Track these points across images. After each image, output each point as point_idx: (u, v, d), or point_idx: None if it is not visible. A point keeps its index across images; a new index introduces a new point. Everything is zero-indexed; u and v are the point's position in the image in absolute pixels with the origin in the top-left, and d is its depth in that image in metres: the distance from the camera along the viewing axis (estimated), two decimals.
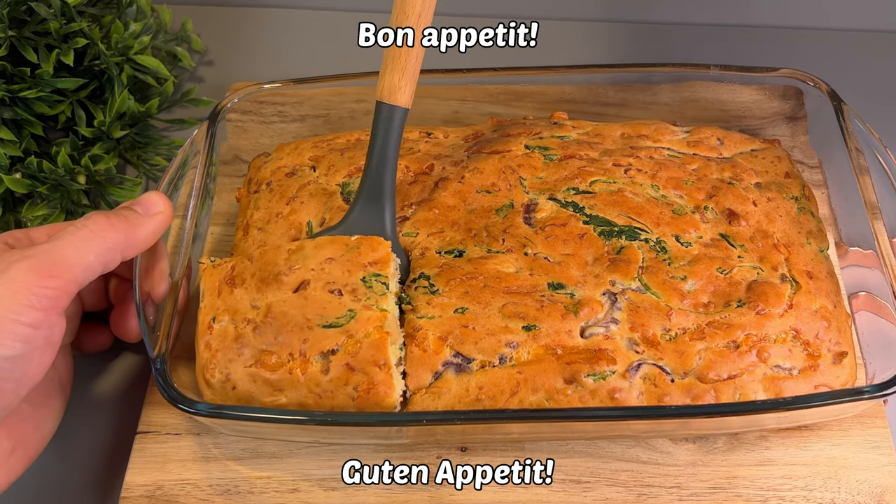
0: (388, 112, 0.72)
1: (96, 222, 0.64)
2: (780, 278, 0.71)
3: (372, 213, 0.73)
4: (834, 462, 0.70)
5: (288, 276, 0.68)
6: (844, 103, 0.80)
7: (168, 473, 0.71)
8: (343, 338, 0.65)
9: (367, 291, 0.67)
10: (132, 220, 0.66)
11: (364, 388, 0.64)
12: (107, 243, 0.63)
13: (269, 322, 0.66)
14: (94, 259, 0.62)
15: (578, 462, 0.71)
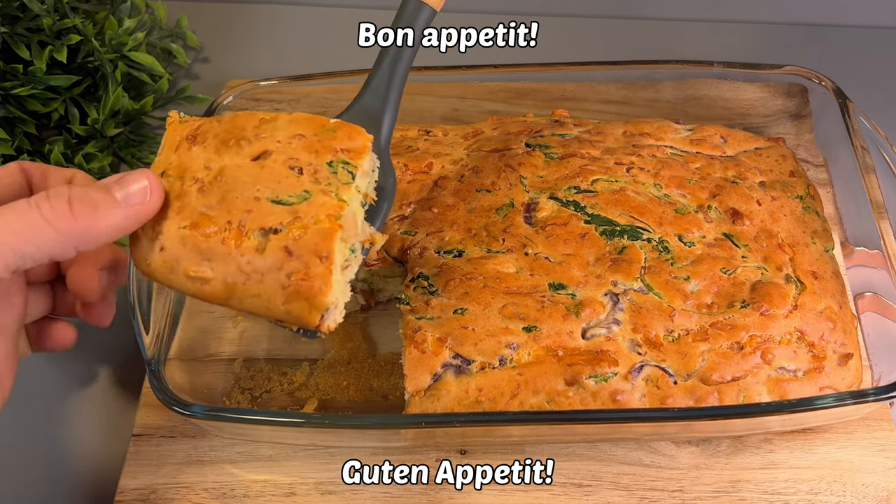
0: (415, 7, 0.68)
1: (52, 209, 0.54)
2: (784, 279, 0.71)
3: (371, 111, 0.69)
4: (839, 465, 0.70)
5: (251, 144, 0.62)
6: (850, 101, 0.80)
7: (163, 477, 0.71)
8: (289, 218, 0.58)
9: (330, 176, 0.60)
10: (100, 209, 0.56)
11: (297, 278, 0.57)
12: (57, 236, 0.54)
13: (217, 185, 0.60)
14: (34, 250, 0.54)
15: (580, 465, 0.71)
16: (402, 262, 0.75)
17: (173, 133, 0.65)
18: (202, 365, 0.77)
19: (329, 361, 0.77)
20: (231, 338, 0.79)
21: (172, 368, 0.71)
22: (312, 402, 0.74)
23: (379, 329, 0.80)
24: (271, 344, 0.79)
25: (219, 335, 0.79)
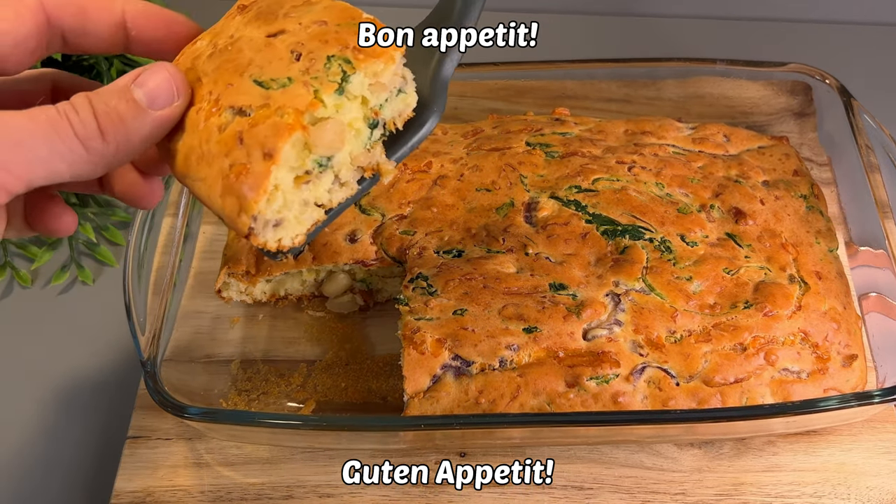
0: None
1: (84, 125, 0.49)
2: (788, 279, 0.71)
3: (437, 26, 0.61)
4: (843, 468, 0.70)
5: (276, 21, 0.57)
6: (854, 99, 0.80)
7: (159, 480, 0.71)
8: (260, 102, 0.52)
9: (321, 70, 0.53)
10: (128, 121, 0.50)
11: (236, 171, 0.51)
12: (89, 156, 0.50)
13: (223, 53, 0.56)
14: (65, 170, 0.49)
15: (581, 468, 0.71)
16: (400, 262, 0.75)
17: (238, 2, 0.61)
18: (198, 366, 0.77)
19: (327, 363, 0.77)
20: (228, 339, 0.79)
21: (168, 370, 0.71)
22: (310, 403, 0.74)
23: (377, 330, 0.80)
24: (268, 345, 0.79)
25: (215, 336, 0.79)
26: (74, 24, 0.55)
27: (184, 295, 0.80)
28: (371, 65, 0.53)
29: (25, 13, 0.53)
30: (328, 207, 0.55)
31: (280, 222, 0.53)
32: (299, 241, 0.55)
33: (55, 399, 0.79)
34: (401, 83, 0.56)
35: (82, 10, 0.55)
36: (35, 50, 0.55)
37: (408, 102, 0.57)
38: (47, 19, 0.54)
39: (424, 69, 0.59)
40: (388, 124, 0.56)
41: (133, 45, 0.57)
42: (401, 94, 0.56)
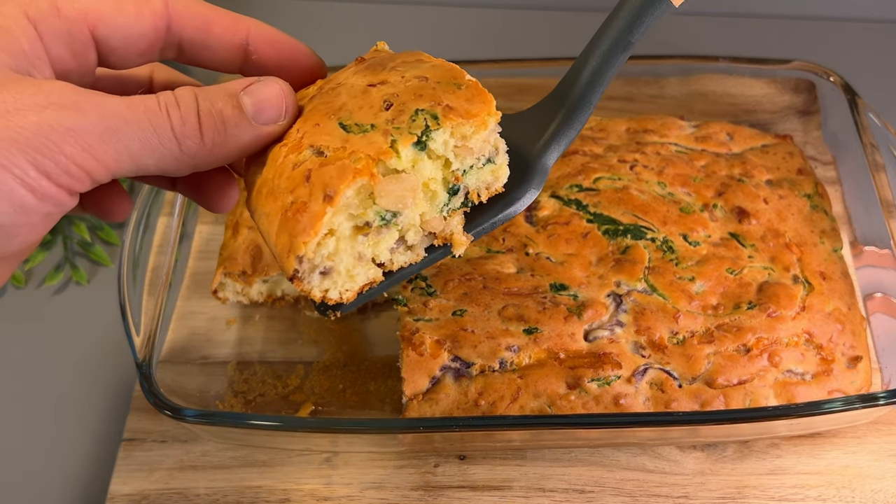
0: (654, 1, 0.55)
1: (183, 122, 0.48)
2: (792, 279, 0.71)
3: (545, 115, 0.58)
4: (848, 471, 0.70)
5: (383, 72, 0.55)
6: (859, 97, 0.80)
7: (154, 482, 0.71)
8: (338, 144, 0.51)
9: (405, 121, 0.51)
10: (229, 128, 0.49)
11: (295, 208, 0.49)
12: (181, 154, 0.48)
13: (323, 95, 0.55)
14: (152, 164, 0.48)
15: (582, 471, 0.71)
16: None
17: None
18: (194, 368, 0.77)
19: (325, 364, 0.77)
20: (224, 340, 0.79)
21: (164, 371, 0.71)
22: (307, 405, 0.74)
23: (376, 331, 0.80)
24: (265, 346, 0.78)
25: (211, 337, 0.79)
26: (196, 37, 0.54)
27: (179, 295, 0.80)
28: (459, 125, 0.51)
29: (147, 13, 0.52)
30: (388, 269, 0.53)
31: (329, 271, 0.51)
32: (348, 298, 0.52)
33: (49, 401, 0.79)
34: (491, 152, 0.53)
35: (207, 25, 0.55)
36: (145, 52, 0.53)
37: (497, 176, 0.54)
38: (168, 26, 0.53)
39: (527, 147, 0.57)
40: (472, 194, 0.54)
41: (251, 67, 0.56)
42: (489, 165, 0.53)
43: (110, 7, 0.51)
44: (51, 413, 0.78)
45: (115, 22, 0.51)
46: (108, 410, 0.78)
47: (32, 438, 0.77)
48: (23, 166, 0.43)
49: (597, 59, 0.56)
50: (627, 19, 0.55)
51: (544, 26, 1.10)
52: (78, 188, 0.46)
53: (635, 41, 0.55)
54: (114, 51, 0.53)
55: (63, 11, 0.50)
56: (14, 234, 0.46)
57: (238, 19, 0.56)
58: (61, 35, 0.50)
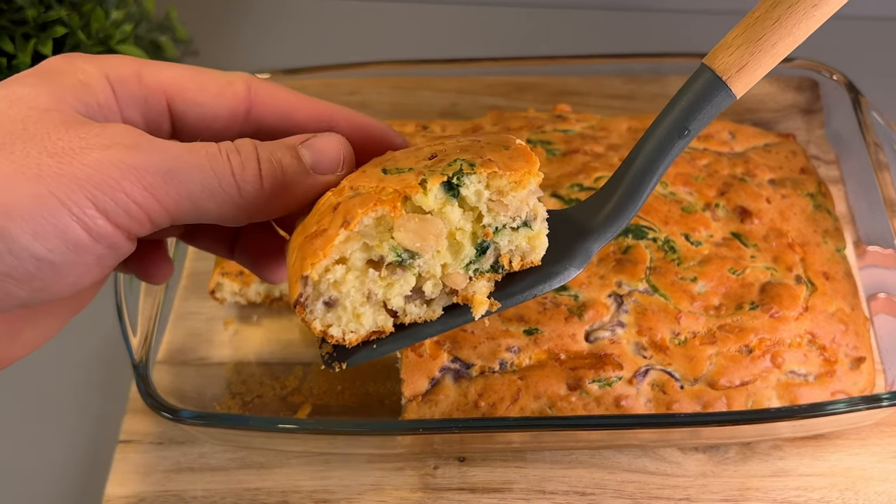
0: (712, 87, 0.53)
1: (244, 168, 0.48)
2: (794, 279, 0.71)
3: (596, 203, 0.55)
4: (851, 473, 0.70)
5: (444, 139, 0.55)
6: (862, 95, 0.80)
7: (151, 485, 0.71)
8: (374, 184, 0.50)
9: (442, 166, 0.49)
10: (289, 177, 0.49)
11: (314, 234, 0.49)
12: (241, 201, 0.48)
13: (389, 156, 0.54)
14: (212, 210, 0.48)
15: (583, 473, 0.71)
16: None
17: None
18: (192, 369, 0.77)
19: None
20: (222, 341, 0.79)
21: (161, 372, 0.71)
22: (306, 407, 0.74)
23: None
24: (263, 347, 0.78)
25: (209, 338, 0.79)
26: (276, 124, 0.55)
27: (177, 296, 0.81)
28: (495, 176, 0.49)
29: (228, 95, 0.53)
30: (400, 321, 0.51)
31: (334, 303, 0.49)
32: (351, 341, 0.50)
33: (45, 402, 0.79)
34: (528, 215, 0.50)
35: (289, 112, 0.55)
36: (220, 132, 0.54)
37: (533, 245, 0.51)
38: (248, 110, 0.54)
39: (574, 229, 0.55)
40: (503, 259, 0.51)
41: None
42: (524, 229, 0.51)
43: (193, 84, 0.52)
44: (46, 414, 0.78)
45: (194, 99, 0.52)
46: (104, 411, 0.78)
47: (28, 440, 0.77)
48: (81, 203, 0.43)
49: (651, 145, 0.54)
50: (684, 106, 0.53)
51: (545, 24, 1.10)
52: (136, 230, 0.46)
53: (693, 129, 0.53)
54: (188, 126, 0.53)
55: (144, 79, 0.51)
56: (65, 274, 0.45)
57: (321, 106, 0.56)
58: (137, 101, 0.51)
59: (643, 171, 0.54)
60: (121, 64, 0.51)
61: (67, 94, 0.47)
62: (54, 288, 0.45)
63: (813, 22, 0.51)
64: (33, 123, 0.44)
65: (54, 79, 0.48)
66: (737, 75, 0.52)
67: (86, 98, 0.48)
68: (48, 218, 0.42)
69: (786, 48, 0.51)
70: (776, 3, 0.51)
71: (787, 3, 0.50)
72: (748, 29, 0.51)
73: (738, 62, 0.51)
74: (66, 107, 0.47)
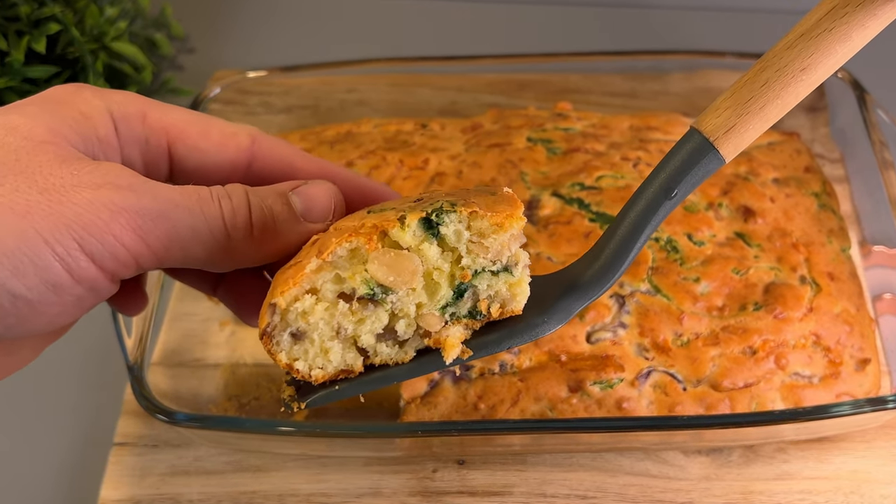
0: (700, 150, 0.52)
1: (235, 213, 0.48)
2: (799, 280, 0.71)
3: (582, 264, 0.55)
4: (856, 476, 0.70)
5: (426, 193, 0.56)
6: (868, 93, 0.80)
7: (146, 488, 0.71)
8: (356, 221, 0.49)
9: (421, 205, 0.49)
10: (279, 225, 0.50)
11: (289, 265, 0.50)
12: (228, 246, 0.48)
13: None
14: (199, 254, 0.48)
15: (584, 476, 0.71)
16: None
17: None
18: (187, 370, 0.77)
19: None
20: (217, 342, 0.79)
21: (156, 374, 0.71)
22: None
23: None
24: (259, 348, 0.78)
25: (204, 339, 0.79)
26: (277, 180, 0.55)
27: (172, 296, 0.80)
28: (477, 218, 0.48)
29: (231, 146, 0.53)
30: (370, 361, 0.50)
31: (301, 336, 0.49)
32: (317, 377, 0.50)
33: (38, 404, 0.79)
34: (509, 259, 0.49)
35: (290, 169, 0.55)
36: (219, 182, 0.52)
37: (514, 292, 0.50)
38: (249, 163, 0.54)
39: (557, 287, 0.54)
40: (481, 304, 0.50)
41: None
42: (504, 274, 0.50)
43: (196, 130, 0.52)
44: (40, 417, 0.78)
45: (196, 145, 0.52)
46: (98, 414, 0.78)
47: (21, 442, 0.77)
48: (66, 244, 0.42)
49: (639, 207, 0.53)
50: (672, 169, 0.53)
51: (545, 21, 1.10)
52: (121, 273, 0.45)
53: (680, 192, 0.53)
54: (186, 172, 0.54)
55: (148, 119, 0.51)
56: (41, 312, 0.44)
57: (324, 166, 0.56)
58: (138, 140, 0.51)
59: (630, 233, 0.53)
60: (127, 101, 0.51)
61: (66, 126, 0.47)
62: (28, 325, 0.44)
63: (802, 87, 0.51)
64: (26, 155, 0.44)
65: (55, 109, 0.48)
66: (724, 137, 0.51)
67: (85, 131, 0.48)
68: (30, 256, 0.42)
69: (775, 113, 0.51)
70: (765, 66, 0.51)
71: (776, 66, 0.51)
72: (736, 92, 0.52)
73: (725, 124, 0.51)
74: (62, 140, 0.46)
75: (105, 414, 0.77)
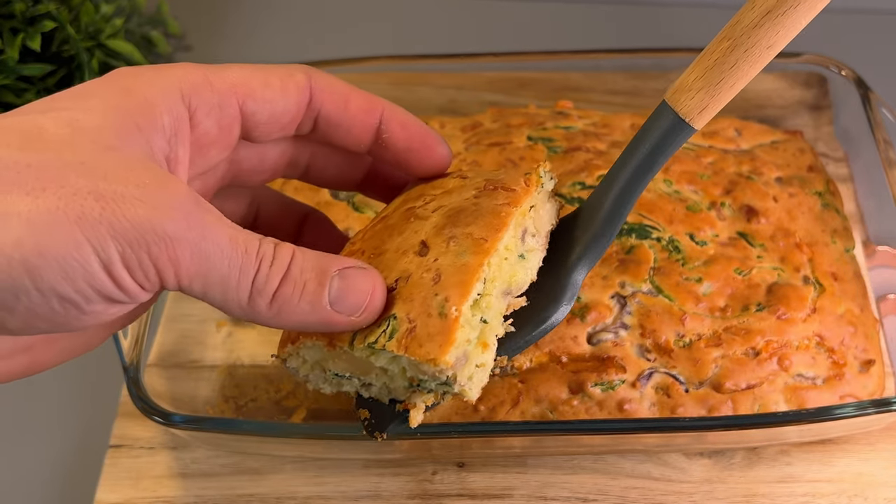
0: (675, 127, 0.56)
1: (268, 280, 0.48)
2: (802, 280, 0.71)
3: (574, 230, 0.60)
4: (861, 478, 0.70)
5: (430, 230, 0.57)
6: (872, 91, 0.80)
7: (142, 491, 0.71)
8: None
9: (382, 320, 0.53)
10: (304, 302, 0.49)
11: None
12: (248, 307, 0.48)
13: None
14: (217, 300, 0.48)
15: (585, 479, 0.71)
16: None
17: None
18: (184, 371, 0.77)
19: None
20: (215, 343, 0.79)
21: (152, 375, 0.71)
22: (301, 411, 0.74)
23: None
24: (257, 350, 0.78)
25: (201, 340, 0.79)
26: (333, 114, 0.56)
27: (168, 297, 0.80)
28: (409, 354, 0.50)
29: (292, 88, 0.54)
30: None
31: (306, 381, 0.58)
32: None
33: (32, 406, 0.79)
34: (448, 377, 0.51)
35: (345, 102, 0.56)
36: (286, 126, 0.55)
37: (462, 394, 0.52)
38: (310, 100, 0.55)
39: (556, 261, 0.59)
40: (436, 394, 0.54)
41: (380, 148, 0.58)
42: (446, 387, 0.52)
43: (258, 82, 0.53)
44: (34, 419, 0.78)
45: (263, 97, 0.53)
46: (93, 416, 0.78)
47: (15, 444, 0.77)
48: (110, 253, 0.43)
49: (621, 181, 0.58)
50: (651, 145, 0.57)
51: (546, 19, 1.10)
52: (147, 288, 0.46)
53: (659, 165, 0.58)
54: (258, 125, 0.54)
55: (215, 85, 0.51)
56: (87, 312, 0.45)
57: (373, 99, 0.57)
58: (212, 108, 0.51)
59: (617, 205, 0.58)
60: (188, 72, 0.51)
61: (131, 123, 0.47)
62: (74, 324, 0.45)
63: (766, 61, 0.53)
64: (92, 160, 0.44)
65: (119, 102, 0.47)
66: (699, 116, 0.55)
67: (147, 122, 0.48)
68: (80, 262, 0.42)
69: (741, 86, 0.55)
70: (733, 46, 0.53)
71: (744, 47, 0.52)
72: (707, 72, 0.54)
73: (699, 105, 0.55)
74: (130, 145, 0.46)
75: (101, 416, 0.77)
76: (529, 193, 0.57)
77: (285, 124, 0.55)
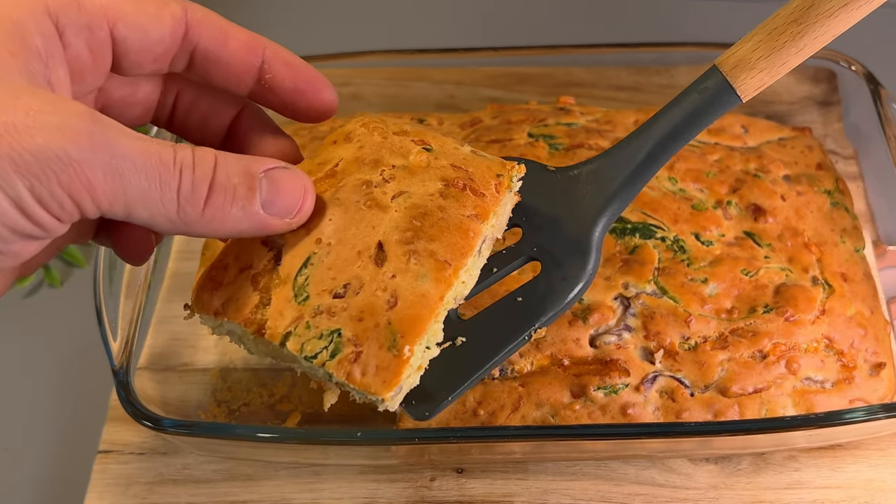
0: (720, 88, 0.58)
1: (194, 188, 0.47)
2: (811, 281, 0.71)
3: (592, 184, 0.61)
4: (871, 485, 0.70)
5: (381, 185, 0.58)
6: (882, 87, 0.80)
7: (132, 497, 0.71)
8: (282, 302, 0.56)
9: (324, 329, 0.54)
10: (236, 207, 0.49)
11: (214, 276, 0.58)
12: (176, 217, 0.48)
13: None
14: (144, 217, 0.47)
15: (587, 485, 0.71)
16: None
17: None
18: (175, 375, 0.77)
19: None
20: (206, 346, 0.79)
21: (142, 379, 0.71)
22: (295, 415, 0.74)
23: None
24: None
25: (193, 343, 0.79)
26: (211, 49, 0.55)
27: (159, 298, 0.80)
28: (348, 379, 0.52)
29: (167, 16, 0.53)
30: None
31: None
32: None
33: (20, 410, 0.79)
34: (376, 401, 0.53)
35: (223, 37, 0.55)
36: (159, 58, 0.54)
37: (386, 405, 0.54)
38: (185, 33, 0.54)
39: (576, 218, 0.60)
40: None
41: (262, 90, 0.57)
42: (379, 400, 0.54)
43: (131, 6, 0.52)
44: (22, 423, 0.78)
45: (136, 21, 0.52)
46: (82, 420, 0.78)
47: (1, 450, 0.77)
48: (19, 190, 0.43)
49: (654, 139, 0.59)
50: (696, 107, 0.59)
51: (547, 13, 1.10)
52: (65, 219, 0.46)
53: (698, 129, 0.59)
54: (129, 53, 0.53)
55: (84, 5, 0.50)
56: (3, 252, 0.45)
57: (255, 37, 0.57)
58: (81, 30, 0.50)
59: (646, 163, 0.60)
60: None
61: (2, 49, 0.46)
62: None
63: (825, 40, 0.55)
64: None
65: None
66: (752, 93, 0.57)
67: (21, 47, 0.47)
68: None
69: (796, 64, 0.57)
70: (804, 31, 0.54)
71: (814, 34, 0.54)
72: (774, 53, 0.55)
73: (758, 84, 0.57)
74: (9, 73, 0.45)
75: (89, 420, 0.77)
76: (498, 202, 0.56)
77: (158, 55, 0.54)
